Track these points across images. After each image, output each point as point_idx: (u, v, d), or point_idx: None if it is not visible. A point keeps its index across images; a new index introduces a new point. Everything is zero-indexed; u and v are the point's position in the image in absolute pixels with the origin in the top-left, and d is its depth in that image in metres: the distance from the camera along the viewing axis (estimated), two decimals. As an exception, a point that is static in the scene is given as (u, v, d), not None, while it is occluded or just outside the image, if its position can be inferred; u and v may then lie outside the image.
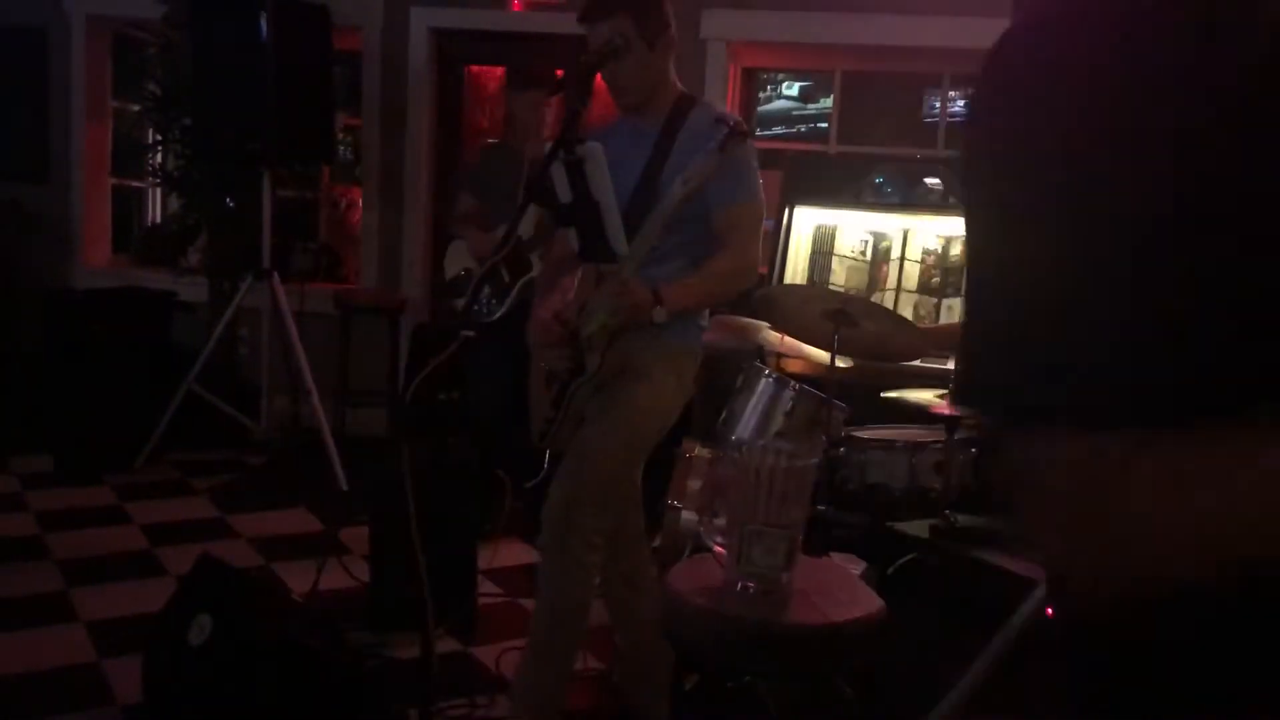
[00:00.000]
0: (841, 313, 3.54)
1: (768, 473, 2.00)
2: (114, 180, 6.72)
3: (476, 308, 4.47)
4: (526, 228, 4.30)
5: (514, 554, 4.08)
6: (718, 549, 2.19)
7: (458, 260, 4.66)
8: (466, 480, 3.63)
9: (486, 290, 4.36)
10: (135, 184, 6.98)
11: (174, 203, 6.50)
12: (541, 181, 2.40)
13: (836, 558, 3.02)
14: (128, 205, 6.93)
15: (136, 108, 6.39)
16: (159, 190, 6.97)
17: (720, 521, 2.28)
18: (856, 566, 2.97)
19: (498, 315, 4.35)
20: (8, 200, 6.33)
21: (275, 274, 5.05)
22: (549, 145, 2.45)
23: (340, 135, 6.42)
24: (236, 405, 5.38)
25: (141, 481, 5.03)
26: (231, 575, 2.99)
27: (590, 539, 2.55)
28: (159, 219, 7.19)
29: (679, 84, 2.75)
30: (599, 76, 2.63)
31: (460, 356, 2.15)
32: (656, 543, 3.62)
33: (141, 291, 5.74)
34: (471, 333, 2.14)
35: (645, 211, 2.55)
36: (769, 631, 2.00)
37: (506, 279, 4.32)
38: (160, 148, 6.00)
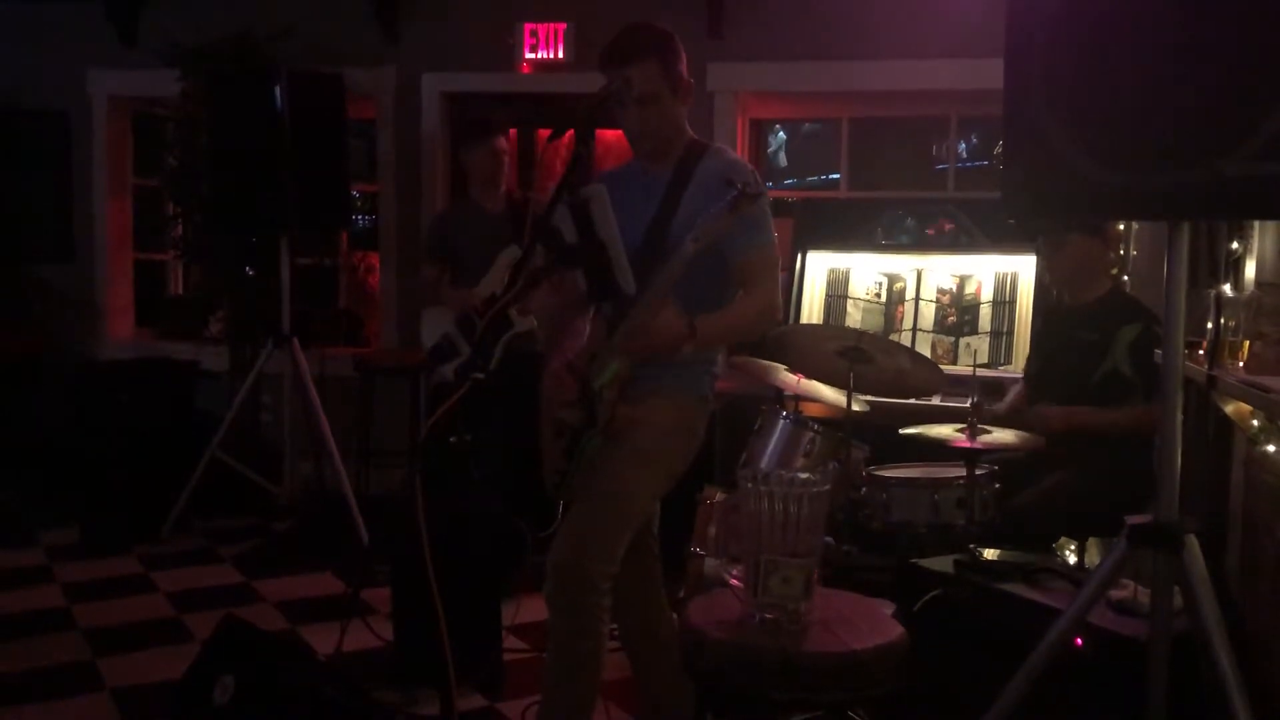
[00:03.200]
0: (856, 349, 3.55)
1: (780, 502, 1.99)
2: (136, 255, 6.84)
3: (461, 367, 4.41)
4: (497, 284, 4.27)
5: (538, 609, 4.03)
6: (734, 582, 2.17)
7: (434, 327, 4.52)
8: (487, 531, 3.61)
9: (465, 349, 4.27)
10: (157, 257, 7.09)
11: (195, 274, 6.59)
12: (547, 224, 2.41)
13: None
14: (151, 278, 7.03)
15: (155, 182, 6.51)
16: (180, 263, 7.07)
17: (736, 556, 2.26)
18: (886, 609, 2.93)
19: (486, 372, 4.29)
20: (36, 279, 6.46)
21: (295, 340, 5.09)
22: (553, 189, 2.47)
23: (357, 201, 6.50)
24: (260, 471, 5.40)
25: (168, 550, 5.02)
26: (254, 635, 2.98)
27: (598, 585, 2.50)
28: (181, 291, 7.29)
29: (689, 130, 2.75)
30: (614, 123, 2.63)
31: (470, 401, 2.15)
32: (682, 593, 3.59)
33: (165, 362, 5.81)
34: (482, 375, 2.14)
35: (653, 258, 2.53)
36: (789, 661, 1.97)
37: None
38: (180, 220, 6.10)
